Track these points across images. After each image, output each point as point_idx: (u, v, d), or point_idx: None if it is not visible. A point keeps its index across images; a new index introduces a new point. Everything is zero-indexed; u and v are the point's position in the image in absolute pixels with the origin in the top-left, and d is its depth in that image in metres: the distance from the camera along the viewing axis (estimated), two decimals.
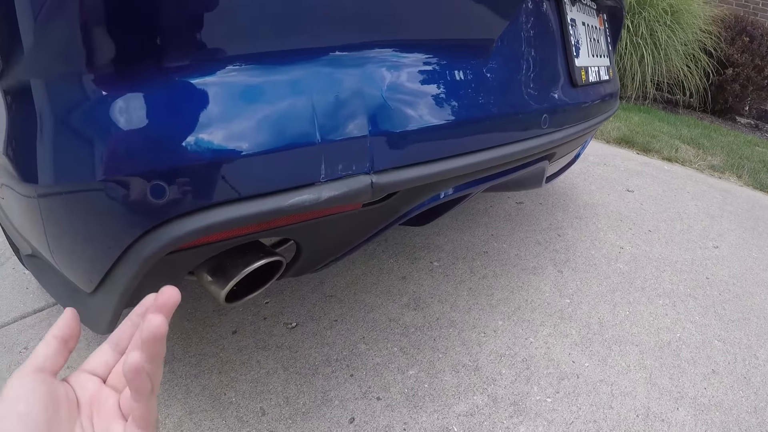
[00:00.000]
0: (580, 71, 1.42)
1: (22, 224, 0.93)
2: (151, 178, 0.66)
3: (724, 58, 5.68)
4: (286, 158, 0.71)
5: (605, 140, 3.97)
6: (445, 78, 0.93)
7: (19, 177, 0.76)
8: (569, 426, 1.34)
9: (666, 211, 2.80)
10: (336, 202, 0.75)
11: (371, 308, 1.67)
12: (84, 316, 0.93)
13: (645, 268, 2.17)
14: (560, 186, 2.89)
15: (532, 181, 1.49)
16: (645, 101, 5.74)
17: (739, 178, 3.64)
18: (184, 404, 1.25)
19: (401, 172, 0.83)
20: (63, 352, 0.49)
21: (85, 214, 0.72)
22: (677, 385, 1.54)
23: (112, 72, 0.66)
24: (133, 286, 0.76)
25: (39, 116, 0.70)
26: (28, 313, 1.48)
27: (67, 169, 0.69)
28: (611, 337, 1.70)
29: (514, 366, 1.51)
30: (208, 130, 0.67)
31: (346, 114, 0.75)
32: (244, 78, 0.71)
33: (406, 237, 2.12)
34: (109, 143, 0.66)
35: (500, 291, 1.86)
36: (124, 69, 0.66)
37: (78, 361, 1.21)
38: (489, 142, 1.01)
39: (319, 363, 1.42)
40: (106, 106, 0.66)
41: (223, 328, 1.50)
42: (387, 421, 1.28)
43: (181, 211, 0.68)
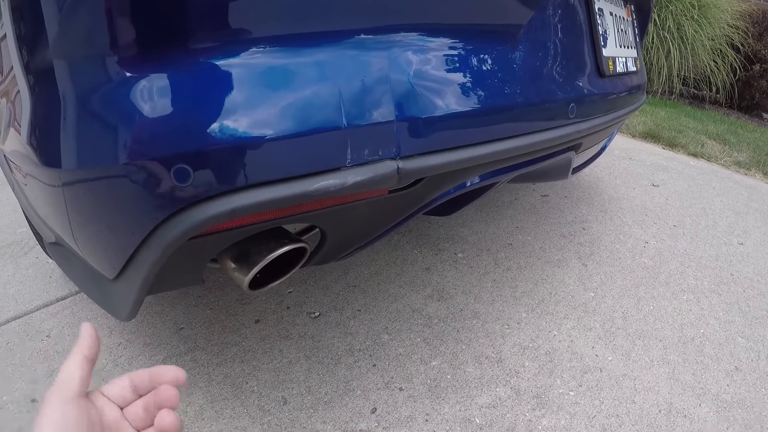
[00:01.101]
0: (607, 61, 1.40)
1: (46, 212, 0.93)
2: (175, 161, 0.66)
3: (751, 53, 5.58)
4: (312, 142, 0.70)
5: (631, 134, 3.92)
6: (472, 64, 0.92)
7: (43, 163, 0.77)
8: (591, 420, 1.33)
9: (691, 207, 2.76)
10: (362, 187, 0.74)
11: (395, 299, 1.67)
12: (106, 303, 0.94)
13: (669, 263, 2.14)
14: (585, 179, 2.86)
15: (558, 171, 1.47)
16: (671, 96, 5.67)
17: (765, 175, 3.57)
18: (205, 392, 1.26)
19: (428, 158, 0.82)
20: (90, 370, 0.53)
21: (109, 199, 0.72)
22: (700, 381, 1.52)
23: (135, 53, 0.66)
24: (155, 272, 0.76)
25: (62, 100, 0.70)
26: (51, 301, 1.49)
27: (91, 153, 0.69)
28: (635, 332, 1.68)
29: (537, 358, 1.50)
30: (234, 113, 0.67)
31: (372, 98, 0.75)
32: (271, 60, 0.70)
33: (430, 228, 2.11)
34: (133, 126, 0.66)
35: (524, 283, 1.84)
36: (148, 50, 0.66)
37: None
38: (516, 130, 1.00)
39: (342, 353, 1.42)
40: (129, 87, 0.66)
41: (246, 317, 1.51)
42: (409, 411, 1.28)
43: (206, 195, 0.68)
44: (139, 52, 0.66)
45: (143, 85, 0.66)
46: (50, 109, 0.72)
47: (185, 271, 0.90)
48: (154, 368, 0.57)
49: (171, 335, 1.41)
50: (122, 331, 1.40)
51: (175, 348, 1.37)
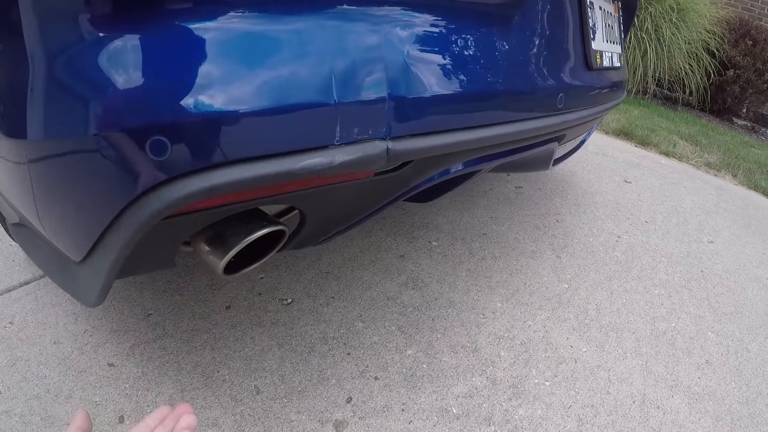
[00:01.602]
0: (595, 54, 1.40)
1: (9, 190, 0.88)
2: (151, 132, 0.60)
3: (726, 59, 5.66)
4: (299, 118, 0.67)
5: (604, 131, 3.95)
6: (469, 47, 0.90)
7: (6, 133, 0.71)
8: (567, 410, 1.33)
9: (662, 204, 2.79)
10: (349, 167, 0.71)
11: (369, 286, 1.64)
12: (72, 287, 0.89)
13: (641, 257, 2.16)
14: (559, 173, 2.87)
15: (540, 162, 1.47)
16: (645, 96, 5.73)
17: (735, 177, 3.64)
18: (175, 381, 1.22)
19: (418, 140, 0.79)
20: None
21: (78, 174, 0.67)
22: (672, 373, 1.54)
23: (110, 12, 0.61)
24: (125, 254, 0.70)
25: (30, 60, 0.65)
26: (14, 286, 1.43)
27: (60, 122, 0.64)
28: (608, 324, 1.69)
29: (512, 348, 1.49)
30: (217, 82, 0.62)
31: (365, 74, 0.72)
32: (256, 26, 0.67)
33: (405, 216, 2.10)
34: (106, 92, 0.61)
35: (499, 273, 1.84)
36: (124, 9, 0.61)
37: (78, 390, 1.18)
38: (507, 116, 0.98)
39: (316, 341, 1.39)
40: (102, 49, 0.61)
41: (217, 303, 1.47)
42: (385, 401, 1.26)
43: (184, 171, 0.63)
44: (114, 10, 0.61)
45: (117, 46, 0.61)
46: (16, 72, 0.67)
47: (157, 253, 0.86)
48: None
49: (139, 322, 1.37)
50: (88, 317, 1.36)
51: (143, 335, 1.33)
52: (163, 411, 0.65)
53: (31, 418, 1.09)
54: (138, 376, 1.22)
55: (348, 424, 1.19)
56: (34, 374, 1.19)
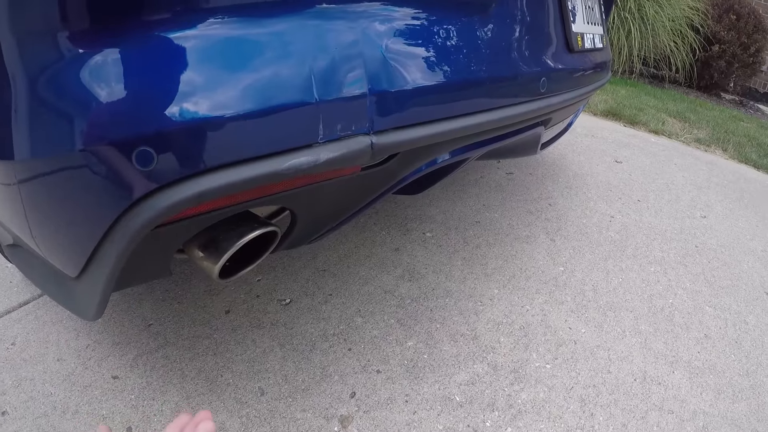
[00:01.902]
0: (576, 37, 1.40)
1: (2, 213, 0.88)
2: (136, 144, 0.61)
3: (710, 35, 5.66)
4: (282, 119, 0.67)
5: (592, 113, 3.96)
6: (446, 37, 0.90)
7: None
8: (569, 391, 1.34)
9: (654, 182, 2.80)
10: (335, 164, 0.72)
11: (365, 281, 1.65)
12: (70, 303, 0.89)
13: (635, 236, 2.17)
14: (549, 157, 2.88)
15: (527, 147, 1.47)
16: (632, 75, 5.74)
17: (725, 152, 3.66)
18: (180, 389, 1.23)
19: (401, 132, 0.80)
20: None
21: (67, 190, 0.67)
22: (672, 349, 1.55)
23: (88, 28, 0.62)
24: (120, 265, 0.70)
25: (12, 80, 0.65)
26: (13, 307, 1.43)
27: (45, 140, 0.64)
28: (606, 304, 1.70)
29: (512, 334, 1.50)
30: (198, 90, 0.63)
31: (344, 71, 0.72)
32: (235, 31, 0.67)
33: (398, 208, 2.10)
34: (89, 107, 0.61)
35: (494, 260, 1.85)
36: (102, 24, 0.62)
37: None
38: (490, 103, 0.99)
39: (316, 338, 1.40)
40: (82, 65, 0.61)
41: (216, 309, 1.48)
42: (388, 393, 1.27)
43: (171, 179, 0.63)
44: (92, 26, 0.61)
45: (97, 61, 0.61)
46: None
47: (152, 263, 0.86)
48: None
49: (140, 332, 1.37)
50: (89, 332, 1.36)
51: (145, 345, 1.33)
52: (183, 419, 0.64)
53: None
54: (143, 387, 1.23)
55: (353, 419, 1.20)
56: (39, 393, 1.19)
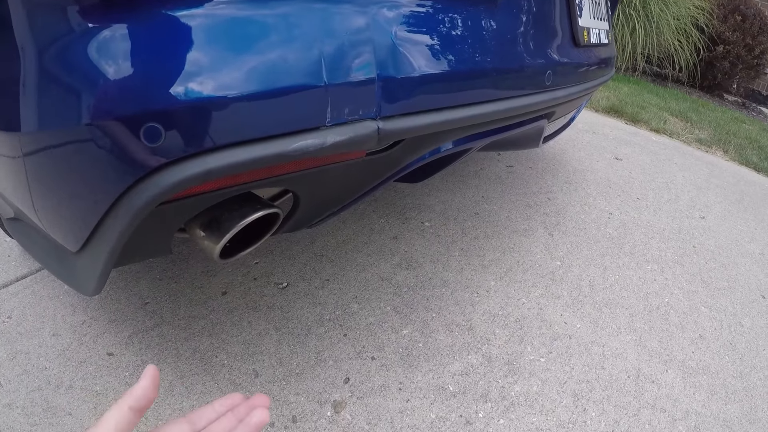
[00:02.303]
0: (582, 31, 1.40)
1: (5, 185, 0.88)
2: (144, 119, 0.61)
3: (715, 35, 5.64)
4: (291, 100, 0.67)
5: (594, 109, 3.96)
6: (455, 26, 0.90)
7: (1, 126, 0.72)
8: (563, 385, 1.34)
9: (654, 180, 2.81)
10: (341, 148, 0.72)
11: (363, 268, 1.65)
12: (70, 278, 0.89)
13: (633, 234, 2.17)
14: (550, 151, 2.88)
15: (530, 140, 1.47)
16: (635, 73, 5.73)
17: (726, 153, 3.65)
18: (174, 368, 1.23)
19: (408, 119, 0.80)
20: (134, 421, 0.49)
21: (73, 164, 0.67)
22: (666, 348, 1.55)
23: (98, 2, 0.61)
24: (123, 241, 0.71)
25: (21, 52, 0.65)
26: (11, 281, 1.43)
27: (52, 112, 0.64)
28: (602, 300, 1.70)
29: (507, 326, 1.51)
30: (207, 68, 0.63)
31: (355, 55, 0.72)
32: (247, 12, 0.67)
33: (397, 197, 2.11)
34: (99, 81, 0.61)
35: (492, 252, 1.85)
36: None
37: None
38: (496, 94, 0.99)
39: (312, 323, 1.40)
40: (92, 39, 0.61)
41: (213, 290, 1.48)
42: (382, 380, 1.27)
43: (178, 156, 0.63)
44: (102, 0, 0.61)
45: (107, 35, 0.61)
46: (8, 65, 0.67)
47: (153, 240, 0.86)
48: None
49: (136, 311, 1.37)
50: (86, 308, 1.36)
51: (141, 324, 1.34)
52: (234, 398, 0.59)
53: (33, 410, 1.10)
54: (137, 365, 1.23)
55: (346, 404, 1.20)
56: (34, 366, 1.19)
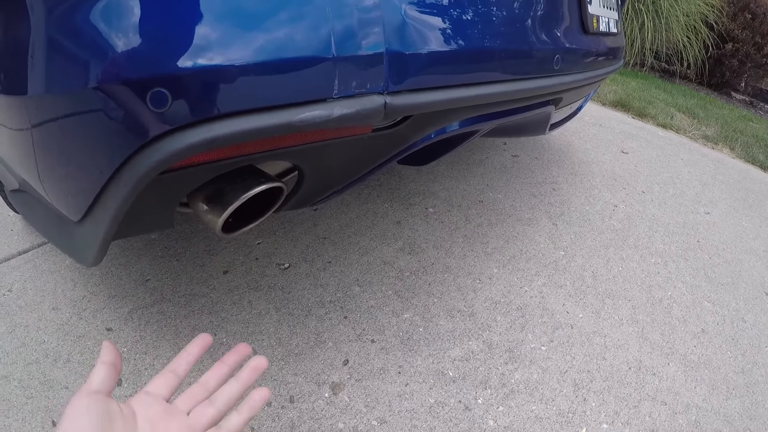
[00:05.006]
0: (592, 18, 1.38)
1: (10, 154, 0.88)
2: (152, 84, 0.60)
3: (724, 32, 5.61)
4: (298, 71, 0.66)
5: (601, 102, 3.94)
6: (465, 5, 0.89)
7: (8, 89, 0.71)
8: (563, 374, 1.34)
9: (659, 175, 2.79)
10: (347, 121, 0.71)
11: (365, 251, 1.65)
12: (71, 248, 0.89)
13: (638, 226, 2.16)
14: (555, 142, 2.87)
15: (536, 126, 1.46)
16: (643, 68, 5.70)
17: (732, 150, 3.64)
18: (173, 345, 1.23)
19: (415, 95, 0.78)
20: (112, 374, 0.55)
21: (79, 130, 0.67)
22: (668, 341, 1.55)
23: None
24: (123, 209, 0.70)
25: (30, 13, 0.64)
26: (12, 254, 1.43)
27: (60, 75, 0.64)
28: (604, 291, 1.69)
29: (509, 313, 1.50)
30: (215, 35, 0.62)
31: (364, 27, 0.71)
32: None
33: (402, 182, 2.10)
34: (105, 45, 0.60)
35: (495, 240, 1.84)
36: None
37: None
38: (503, 75, 0.97)
39: (313, 304, 1.40)
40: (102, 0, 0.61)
41: (214, 268, 1.48)
42: (381, 363, 1.27)
43: (184, 122, 0.62)
44: None
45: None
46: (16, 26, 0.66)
47: (156, 212, 0.86)
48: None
49: (137, 287, 1.37)
50: (86, 283, 1.36)
51: (141, 300, 1.33)
52: (224, 363, 0.64)
53: (29, 382, 1.10)
54: (136, 340, 1.23)
55: (345, 386, 1.20)
56: (32, 340, 1.19)
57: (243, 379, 0.61)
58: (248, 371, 0.62)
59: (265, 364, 0.63)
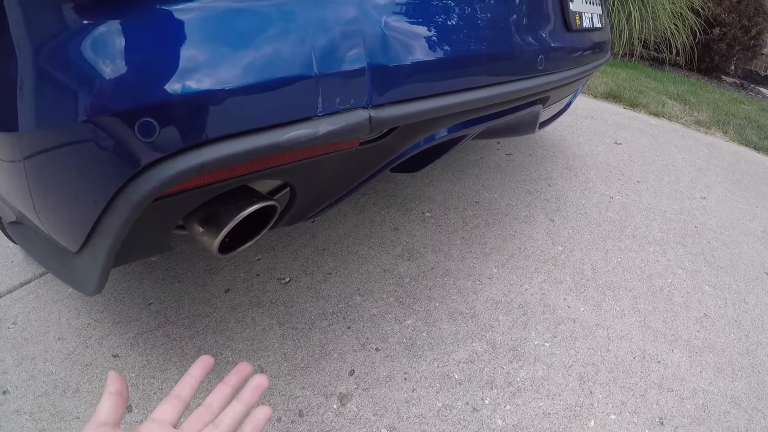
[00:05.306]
0: (574, 16, 1.39)
1: (5, 187, 0.89)
2: (138, 114, 0.62)
3: (711, 17, 5.62)
4: (282, 91, 0.67)
5: (593, 95, 3.94)
6: (444, 12, 0.90)
7: None
8: (568, 369, 1.35)
9: (654, 163, 2.80)
10: (334, 137, 0.72)
11: (365, 260, 1.65)
12: (71, 278, 0.90)
13: (635, 216, 2.17)
14: (549, 138, 2.87)
15: (526, 125, 1.47)
16: (632, 58, 5.70)
17: (725, 134, 3.64)
18: (180, 367, 1.24)
19: (399, 107, 0.80)
20: (119, 404, 0.56)
21: (71, 162, 0.68)
22: (671, 328, 1.55)
23: None
24: (121, 237, 0.71)
25: (17, 50, 0.65)
26: (14, 286, 1.44)
27: (49, 110, 0.65)
28: (605, 283, 1.70)
29: (510, 312, 1.51)
30: (199, 62, 0.63)
31: (344, 45, 0.72)
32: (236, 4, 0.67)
33: (397, 189, 2.10)
34: (92, 78, 0.62)
35: (493, 240, 1.85)
36: None
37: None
38: (487, 79, 0.98)
39: (315, 317, 1.41)
40: (86, 35, 0.62)
41: (216, 288, 1.48)
42: (387, 371, 1.28)
43: (173, 150, 0.64)
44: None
45: (100, 32, 0.62)
46: (4, 64, 0.67)
47: (152, 238, 0.87)
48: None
49: (140, 311, 1.38)
50: (90, 310, 1.37)
51: (145, 324, 1.34)
52: (231, 380, 0.66)
53: (40, 415, 1.11)
54: (143, 365, 1.23)
55: (352, 396, 1.21)
56: (40, 371, 1.20)
57: (245, 399, 0.62)
58: (250, 391, 0.62)
59: (265, 383, 0.64)
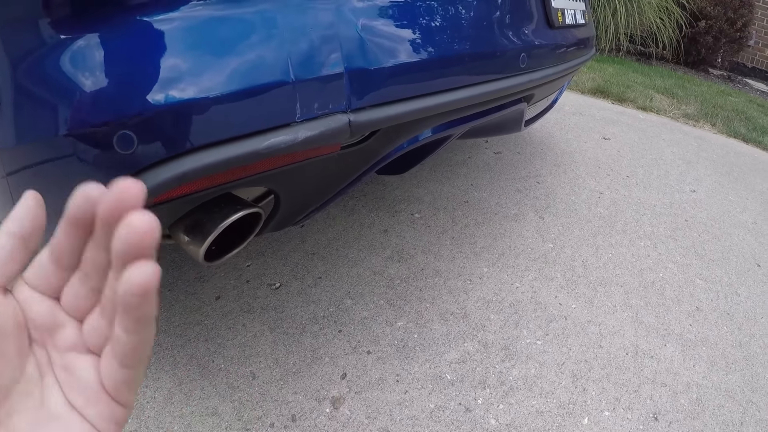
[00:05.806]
0: (556, 12, 1.39)
1: None
2: (116, 127, 0.61)
3: (696, 10, 5.66)
4: (259, 99, 0.67)
5: (580, 91, 3.96)
6: (423, 13, 0.90)
7: None
8: (561, 367, 1.35)
9: (643, 158, 2.81)
10: (313, 142, 0.72)
11: (354, 263, 1.65)
12: None
13: (625, 211, 2.18)
14: (537, 135, 2.88)
15: (511, 124, 1.47)
16: (619, 53, 5.73)
17: (713, 126, 3.66)
18: (172, 376, 1.23)
19: (379, 110, 0.80)
20: (20, 255, 0.31)
21: (54, 177, 0.68)
22: (663, 322, 1.56)
23: (69, 14, 0.62)
24: None
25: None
26: None
27: (29, 126, 0.65)
28: (596, 279, 1.70)
29: (502, 311, 1.51)
30: (175, 72, 0.63)
31: (320, 50, 0.72)
32: (211, 13, 0.67)
33: (386, 190, 2.10)
34: (69, 93, 0.62)
35: (483, 239, 1.85)
36: (83, 10, 0.62)
37: None
38: (468, 79, 0.98)
39: (306, 321, 1.40)
40: (63, 51, 0.62)
41: (206, 295, 1.48)
42: (379, 374, 1.27)
43: (152, 161, 0.64)
44: (73, 12, 0.62)
45: (77, 47, 0.62)
46: None
47: None
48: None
49: None
50: None
51: None
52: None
53: None
54: None
55: (345, 400, 1.21)
56: None
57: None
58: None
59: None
